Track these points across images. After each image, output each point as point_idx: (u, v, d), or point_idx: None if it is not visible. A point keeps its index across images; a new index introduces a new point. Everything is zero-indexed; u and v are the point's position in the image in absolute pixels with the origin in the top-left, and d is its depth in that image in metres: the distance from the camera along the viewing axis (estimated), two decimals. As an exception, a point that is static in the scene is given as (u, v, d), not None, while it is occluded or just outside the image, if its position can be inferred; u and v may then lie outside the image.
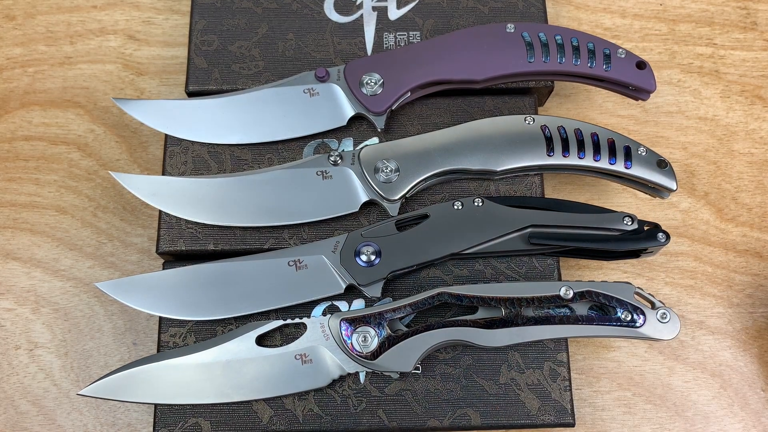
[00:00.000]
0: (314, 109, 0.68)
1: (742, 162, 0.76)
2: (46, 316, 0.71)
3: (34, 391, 0.69)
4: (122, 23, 0.81)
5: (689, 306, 0.72)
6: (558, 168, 0.66)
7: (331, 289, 0.62)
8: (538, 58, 0.67)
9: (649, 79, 0.67)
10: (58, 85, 0.79)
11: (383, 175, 0.64)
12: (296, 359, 0.60)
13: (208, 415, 0.61)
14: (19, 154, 0.77)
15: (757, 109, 0.78)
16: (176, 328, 0.63)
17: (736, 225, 0.74)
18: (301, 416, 0.61)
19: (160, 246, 0.65)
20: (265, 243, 0.65)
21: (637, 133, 0.77)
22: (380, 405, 0.61)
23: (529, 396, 0.61)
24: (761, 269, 0.73)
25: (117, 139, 0.77)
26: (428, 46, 0.69)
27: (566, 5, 0.83)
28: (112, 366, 0.69)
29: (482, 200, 0.63)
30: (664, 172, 0.65)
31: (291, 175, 0.65)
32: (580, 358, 0.70)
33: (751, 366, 0.70)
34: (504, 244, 0.63)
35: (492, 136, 0.66)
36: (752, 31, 0.81)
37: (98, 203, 0.75)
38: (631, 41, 0.81)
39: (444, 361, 0.62)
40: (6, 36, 0.81)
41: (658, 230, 0.62)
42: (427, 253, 0.63)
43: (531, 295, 0.59)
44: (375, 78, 0.67)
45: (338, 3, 0.74)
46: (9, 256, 0.73)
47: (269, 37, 0.72)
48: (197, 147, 0.68)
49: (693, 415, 0.68)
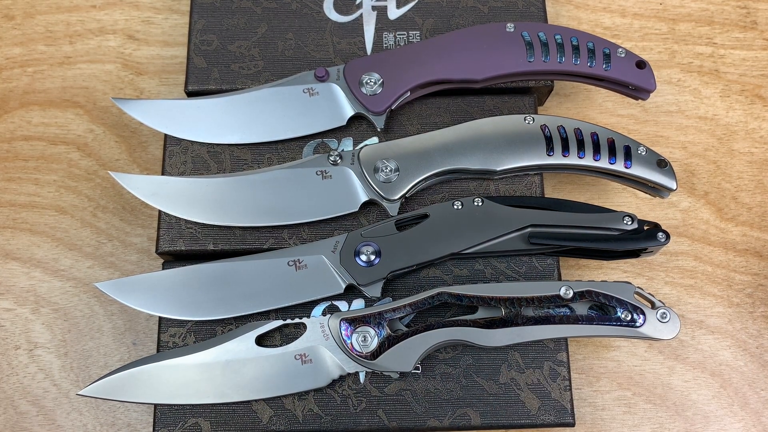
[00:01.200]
0: (314, 109, 0.68)
1: (742, 161, 0.76)
2: (45, 316, 0.71)
3: (33, 391, 0.69)
4: (121, 23, 0.81)
5: (689, 306, 0.72)
6: (558, 167, 0.66)
7: (330, 289, 0.62)
8: (537, 57, 0.67)
9: (649, 78, 0.67)
10: (58, 85, 0.79)
11: (383, 175, 0.64)
12: (296, 359, 0.60)
13: (208, 415, 0.61)
14: (19, 154, 0.76)
15: (756, 108, 0.78)
16: (176, 328, 0.63)
17: (736, 224, 0.74)
18: (301, 416, 0.61)
19: (160, 246, 0.65)
20: (265, 243, 0.65)
21: (636, 132, 0.77)
22: (380, 405, 0.61)
23: (529, 396, 0.61)
24: (761, 269, 0.73)
25: (116, 139, 0.77)
26: (428, 45, 0.69)
27: (566, 4, 0.83)
28: (112, 366, 0.69)
29: (482, 200, 0.63)
30: (664, 171, 0.65)
31: (290, 175, 0.65)
32: (580, 357, 0.70)
33: (751, 366, 0.70)
34: (504, 244, 0.63)
35: (492, 135, 0.66)
36: (752, 31, 0.81)
37: (98, 203, 0.75)
38: (630, 40, 0.81)
39: (444, 361, 0.62)
40: (5, 36, 0.81)
41: (658, 230, 0.62)
42: (427, 253, 0.63)
43: (531, 295, 0.59)
44: (375, 78, 0.67)
45: (338, 3, 0.74)
46: (9, 256, 0.73)
47: (269, 36, 0.72)
48: (197, 147, 0.68)
49: (693, 415, 0.68)
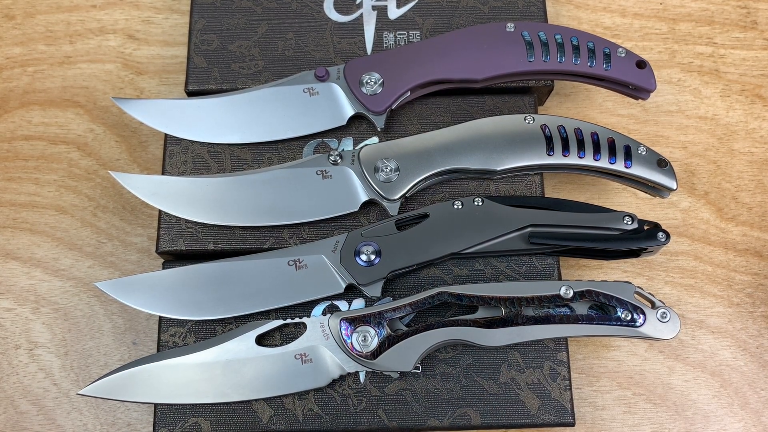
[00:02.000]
0: (314, 109, 0.68)
1: (742, 161, 0.76)
2: (46, 315, 0.71)
3: (34, 391, 0.69)
4: (122, 23, 0.81)
5: (689, 305, 0.72)
6: (558, 167, 0.66)
7: (331, 289, 0.62)
8: (537, 57, 0.67)
9: (649, 78, 0.67)
10: (58, 85, 0.79)
11: (383, 175, 0.64)
12: (296, 359, 0.60)
13: (208, 415, 0.61)
14: (19, 154, 0.77)
15: (757, 108, 0.78)
16: (176, 327, 0.63)
17: (736, 224, 0.74)
18: (301, 416, 0.61)
19: (160, 246, 0.65)
20: (265, 243, 0.65)
21: (637, 132, 0.77)
22: (380, 405, 0.61)
23: (529, 395, 0.61)
24: (761, 269, 0.73)
25: (117, 138, 0.77)
26: (428, 45, 0.69)
27: (566, 4, 0.83)
28: (112, 366, 0.69)
29: (482, 200, 0.63)
30: (664, 171, 0.65)
31: (291, 174, 0.65)
32: (580, 357, 0.70)
33: (751, 366, 0.70)
34: (504, 244, 0.63)
35: (492, 135, 0.65)
36: (752, 31, 0.81)
37: (98, 203, 0.75)
38: (631, 40, 0.81)
39: (444, 360, 0.62)
40: (5, 35, 0.81)
41: (658, 229, 0.62)
42: (427, 253, 0.63)
43: (531, 295, 0.59)
44: (375, 77, 0.67)
45: (338, 2, 0.74)
46: (9, 255, 0.73)
47: (269, 36, 0.72)
48: (197, 146, 0.68)
49: (693, 415, 0.68)
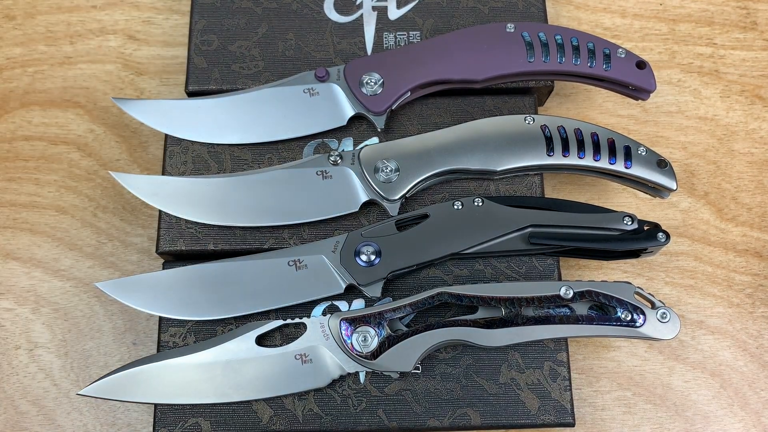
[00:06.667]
0: (314, 109, 0.68)
1: (742, 162, 0.76)
2: (46, 316, 0.71)
3: (34, 391, 0.69)
4: (122, 23, 0.81)
5: (689, 306, 0.72)
6: (558, 168, 0.66)
7: (331, 289, 0.62)
8: (538, 57, 0.67)
9: (649, 78, 0.67)
10: (58, 85, 0.79)
11: (383, 175, 0.64)
12: (296, 359, 0.60)
13: (208, 415, 0.61)
14: (19, 154, 0.77)
15: (757, 108, 0.78)
16: (176, 328, 0.63)
17: (736, 225, 0.74)
18: (301, 416, 0.61)
19: (160, 246, 0.65)
20: (265, 243, 0.65)
21: (637, 132, 0.77)
22: (380, 405, 0.61)
23: (529, 396, 0.61)
24: (761, 269, 0.73)
25: (117, 139, 0.77)
26: (428, 46, 0.69)
27: (566, 5, 0.83)
28: (112, 366, 0.69)
29: (482, 200, 0.63)
30: (664, 171, 0.65)
31: (291, 175, 0.65)
32: (580, 357, 0.70)
33: (751, 366, 0.70)
34: (504, 244, 0.63)
35: (492, 135, 0.66)
36: (752, 31, 0.81)
37: (98, 203, 0.75)
38: (631, 41, 0.81)
39: (444, 361, 0.62)
40: (6, 36, 0.81)
41: (658, 230, 0.62)
42: (427, 253, 0.63)
43: (531, 295, 0.59)
44: (375, 78, 0.67)
45: (338, 3, 0.74)
46: (9, 256, 0.73)
47: (269, 36, 0.72)
48: (197, 147, 0.68)
49: (693, 415, 0.68)
